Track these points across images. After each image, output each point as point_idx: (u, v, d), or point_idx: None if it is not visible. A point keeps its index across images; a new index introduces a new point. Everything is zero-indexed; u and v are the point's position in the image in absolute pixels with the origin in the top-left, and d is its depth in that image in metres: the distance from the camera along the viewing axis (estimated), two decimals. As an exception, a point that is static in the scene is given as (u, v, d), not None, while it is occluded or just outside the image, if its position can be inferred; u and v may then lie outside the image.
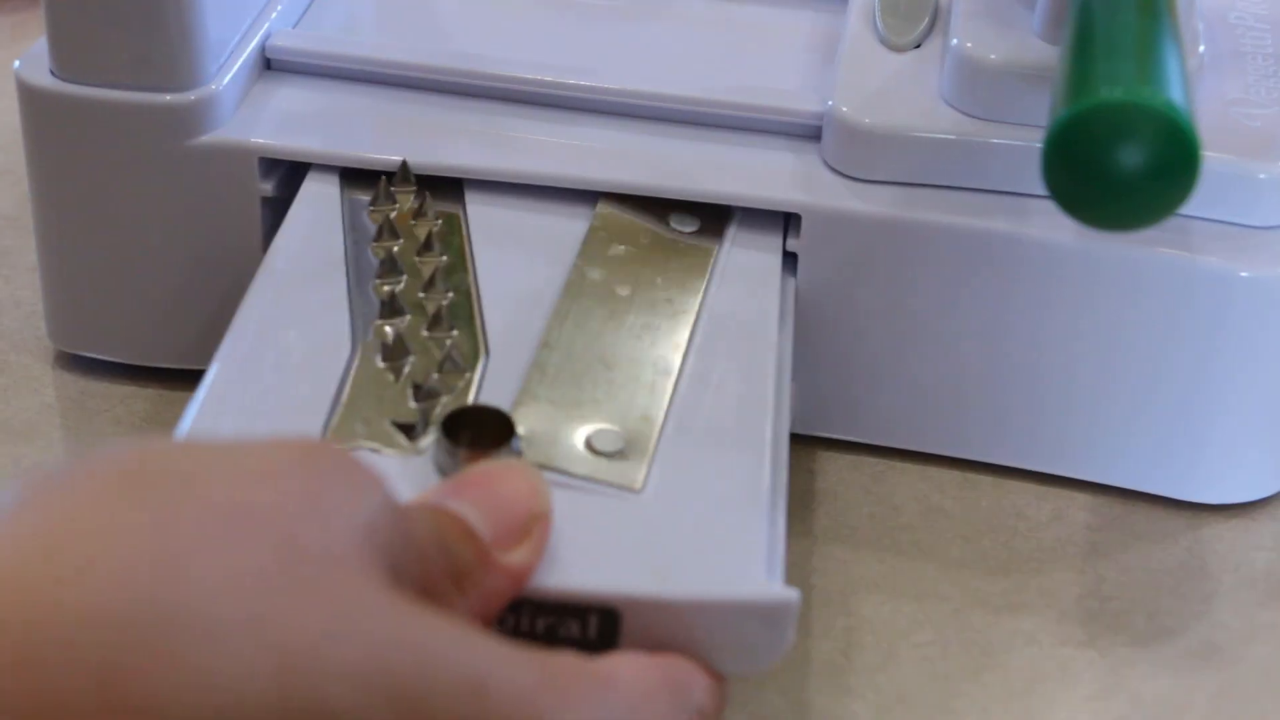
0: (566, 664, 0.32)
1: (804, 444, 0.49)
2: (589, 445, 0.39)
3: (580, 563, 0.36)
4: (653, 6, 0.53)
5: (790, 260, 0.46)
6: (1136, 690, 0.43)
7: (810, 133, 0.47)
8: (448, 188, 0.47)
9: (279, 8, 0.50)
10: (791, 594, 0.36)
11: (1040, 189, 0.38)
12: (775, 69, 0.51)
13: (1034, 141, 0.44)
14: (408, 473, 0.37)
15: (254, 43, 0.48)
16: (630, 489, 0.38)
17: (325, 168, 0.47)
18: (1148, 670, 0.43)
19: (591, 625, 0.36)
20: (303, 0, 0.52)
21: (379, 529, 0.31)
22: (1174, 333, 0.46)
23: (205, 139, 0.46)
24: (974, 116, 0.46)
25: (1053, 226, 0.45)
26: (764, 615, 0.36)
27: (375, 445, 0.38)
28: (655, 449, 0.39)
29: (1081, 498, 0.48)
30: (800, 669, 0.43)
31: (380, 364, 0.41)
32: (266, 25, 0.49)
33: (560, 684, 0.32)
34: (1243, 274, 0.45)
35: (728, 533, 0.37)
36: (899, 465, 0.49)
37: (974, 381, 0.47)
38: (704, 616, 0.36)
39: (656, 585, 0.36)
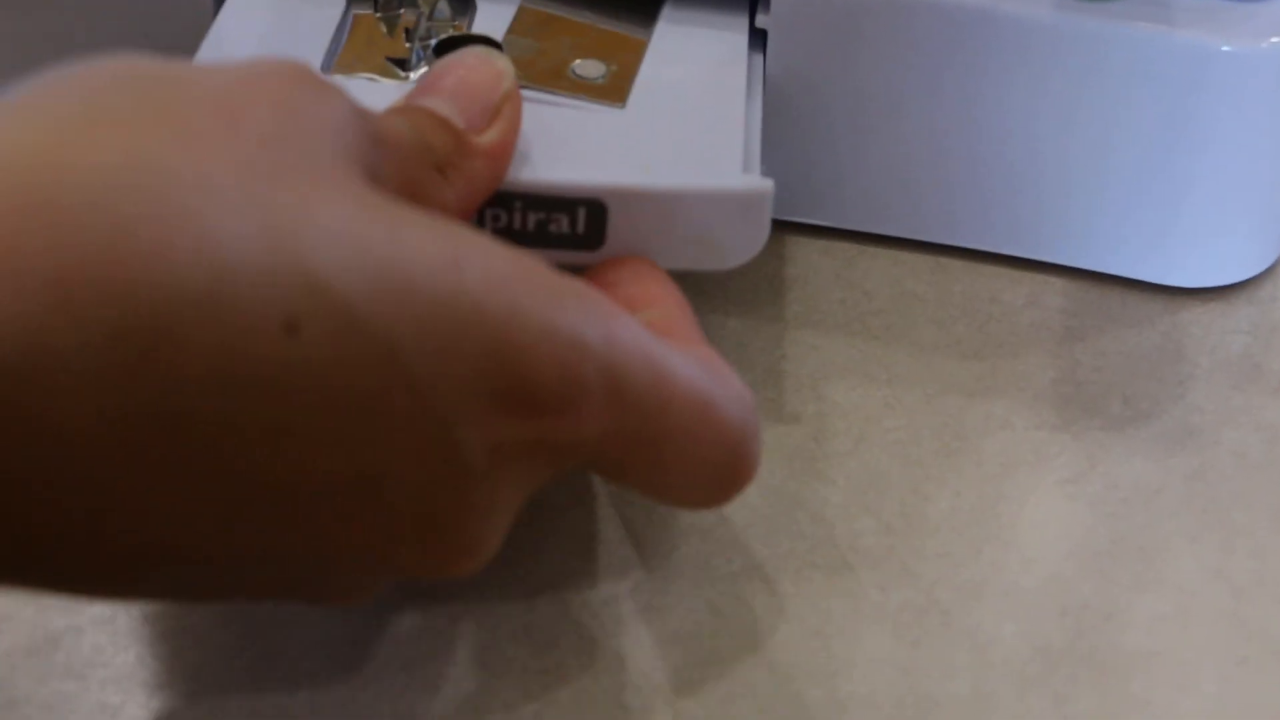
0: (538, 262, 0.32)
1: (774, 230, 0.47)
2: (574, 73, 0.42)
3: (569, 160, 0.39)
4: None
5: (758, 39, 0.45)
6: (1111, 473, 0.42)
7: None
8: None
9: None
10: (766, 183, 0.39)
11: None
12: None
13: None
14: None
15: None
16: (615, 105, 0.41)
17: None
18: (1122, 453, 0.43)
19: (580, 219, 0.38)
20: None
21: (346, 131, 0.32)
22: (1151, 111, 0.44)
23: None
24: None
25: (1030, 1, 0.43)
26: (741, 204, 0.39)
27: (372, 75, 0.41)
28: (637, 73, 0.42)
29: (1057, 282, 0.47)
30: (771, 455, 0.42)
31: (375, 14, 0.42)
32: None
33: (534, 276, 0.32)
34: (1223, 48, 0.43)
35: (708, 135, 0.40)
36: (870, 250, 0.48)
37: (947, 164, 0.46)
38: (685, 206, 0.38)
39: (641, 177, 0.38)
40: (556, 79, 0.42)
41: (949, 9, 0.44)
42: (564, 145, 0.39)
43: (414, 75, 0.41)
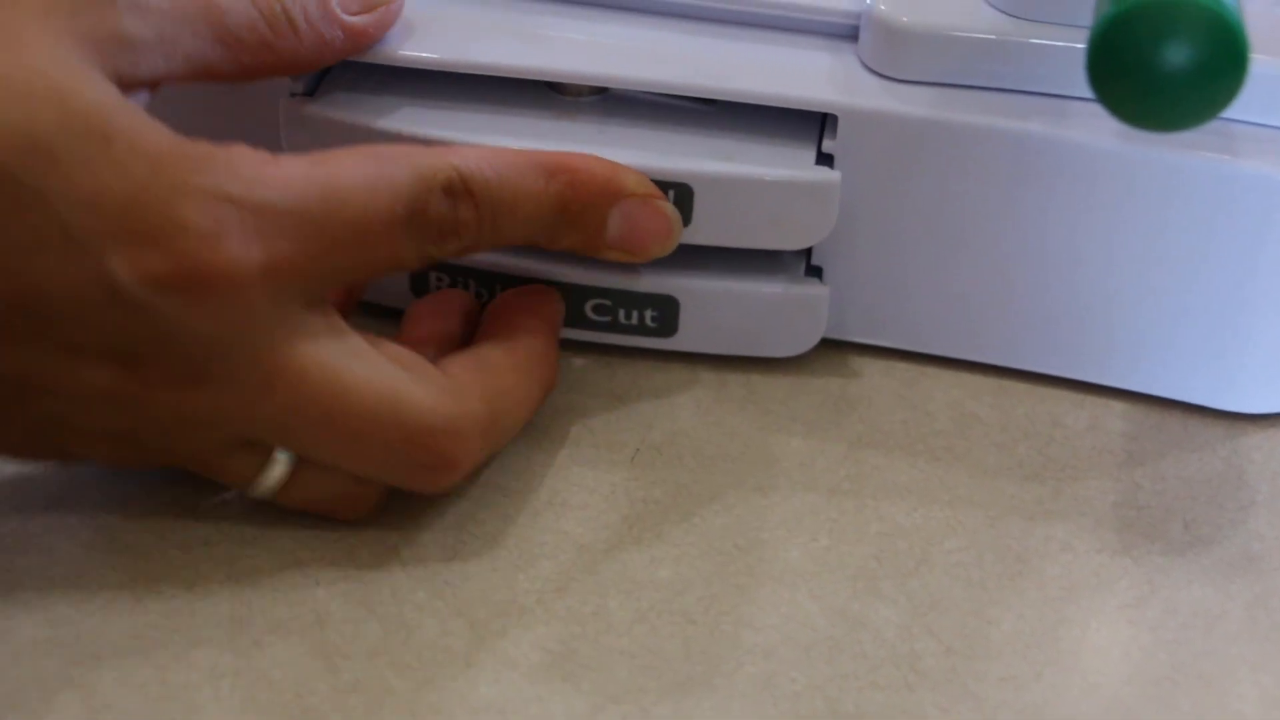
0: (195, 146, 0.39)
1: (837, 349, 0.49)
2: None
3: (661, 150, 0.45)
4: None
5: (825, 163, 0.46)
6: (1172, 599, 0.42)
7: (848, 32, 0.47)
8: None
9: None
10: (834, 175, 0.45)
11: (1081, 90, 0.38)
12: (812, -32, 0.50)
13: (1075, 42, 0.44)
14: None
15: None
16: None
17: None
18: (1183, 579, 0.43)
19: (670, 199, 0.45)
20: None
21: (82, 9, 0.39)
22: (1214, 239, 0.45)
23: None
24: (1014, 16, 0.45)
25: (1093, 129, 0.44)
26: (812, 192, 0.44)
27: None
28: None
29: (1119, 406, 0.48)
30: (833, 574, 0.42)
31: None
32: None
33: (182, 150, 0.38)
34: (1287, 178, 0.44)
35: (784, 134, 0.46)
36: (932, 371, 0.48)
37: (1011, 287, 0.47)
38: (762, 191, 0.44)
39: (725, 165, 0.44)
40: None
41: (1014, 135, 0.45)
42: (655, 138, 0.46)
43: None
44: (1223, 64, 0.36)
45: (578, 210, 0.43)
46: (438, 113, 0.46)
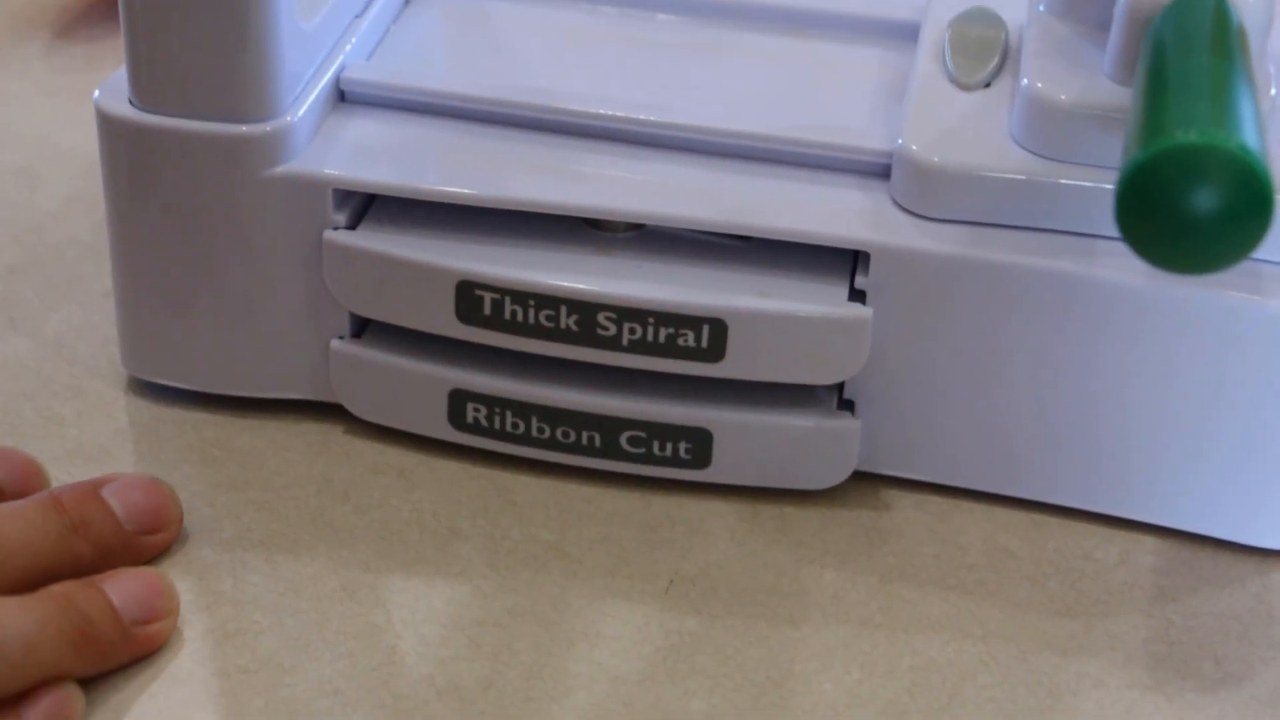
0: None
1: (869, 482, 0.49)
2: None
3: (697, 285, 0.46)
4: (723, 42, 0.54)
5: (857, 299, 0.46)
6: (1203, 735, 0.43)
7: (880, 171, 0.47)
8: None
9: (353, 40, 0.50)
10: (866, 311, 0.45)
11: (1109, 230, 0.38)
12: (845, 106, 0.51)
13: (1103, 183, 0.45)
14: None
15: (329, 75, 0.49)
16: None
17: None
18: (1215, 715, 0.43)
19: (704, 335, 0.45)
20: (376, 32, 0.52)
21: None
22: (1243, 376, 0.45)
23: (280, 170, 0.47)
24: (1043, 156, 0.46)
25: (1121, 268, 0.45)
26: (844, 328, 0.45)
27: None
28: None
29: (1149, 541, 0.48)
30: (865, 708, 0.43)
31: None
32: (341, 57, 0.50)
33: None
34: (1314, 318, 0.44)
35: (818, 270, 0.47)
36: (965, 505, 0.49)
37: (1042, 422, 0.47)
38: (795, 327, 0.45)
39: (759, 301, 0.45)
40: None
41: (1043, 274, 0.45)
42: (691, 272, 0.46)
43: None
44: (1250, 210, 0.37)
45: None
46: (476, 247, 0.47)
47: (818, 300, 0.46)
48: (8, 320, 0.53)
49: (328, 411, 0.50)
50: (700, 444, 0.48)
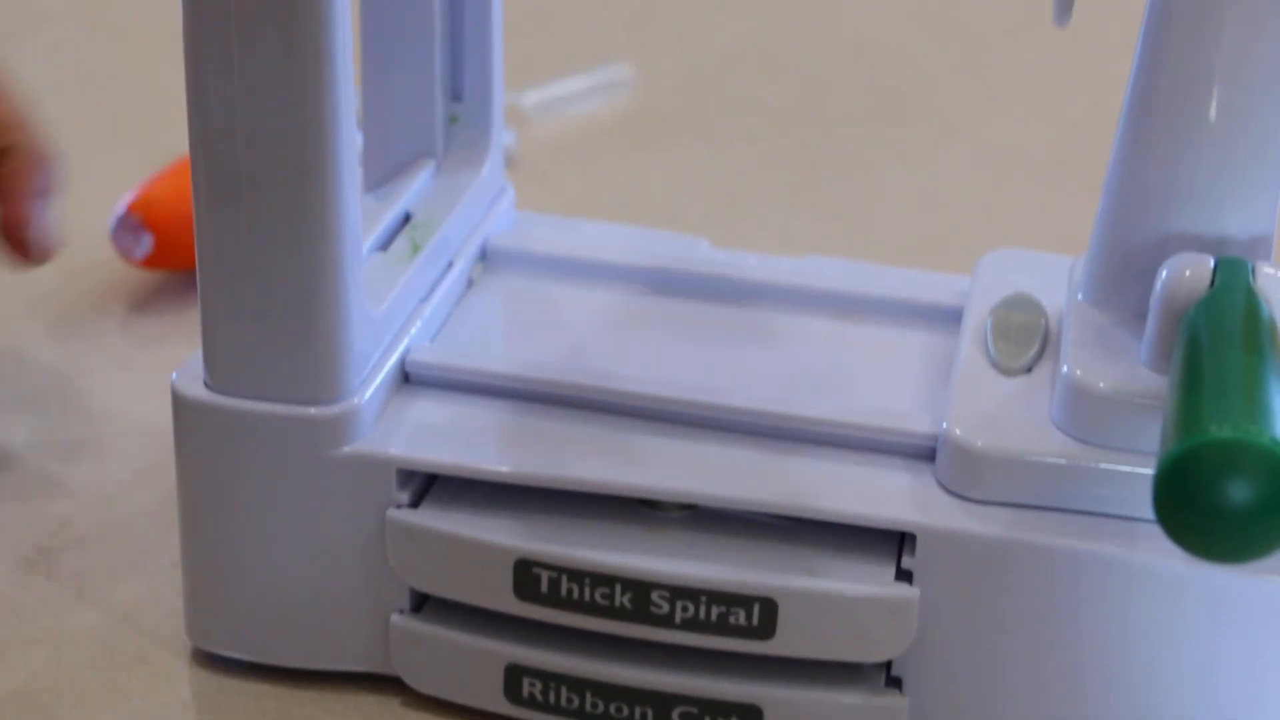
0: None
1: (917, 757, 0.50)
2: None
3: (747, 564, 0.47)
4: (773, 325, 0.56)
5: (904, 578, 0.47)
6: None
7: (925, 453, 0.49)
8: None
9: (418, 323, 0.53)
10: (913, 591, 0.46)
11: (1149, 514, 0.39)
12: (891, 388, 0.52)
13: (1143, 468, 0.46)
14: None
15: (395, 357, 0.51)
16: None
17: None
18: None
19: (755, 613, 0.46)
20: (440, 315, 0.54)
21: None
22: (1283, 657, 0.46)
23: (346, 450, 0.49)
24: (1084, 441, 0.47)
25: (1163, 551, 0.45)
26: (891, 607, 0.46)
27: None
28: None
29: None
30: None
31: None
32: (407, 340, 0.52)
33: None
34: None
35: (865, 550, 0.48)
36: (1012, 782, 0.49)
37: (1088, 703, 0.48)
38: (843, 606, 0.46)
39: (808, 580, 0.46)
40: None
41: (1085, 556, 0.46)
42: (740, 551, 0.48)
43: None
44: (1284, 503, 0.38)
45: None
46: (534, 525, 0.48)
47: (865, 580, 0.47)
48: (76, 592, 0.55)
49: (385, 684, 0.51)
50: None
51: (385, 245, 0.54)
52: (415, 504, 0.49)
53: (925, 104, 0.87)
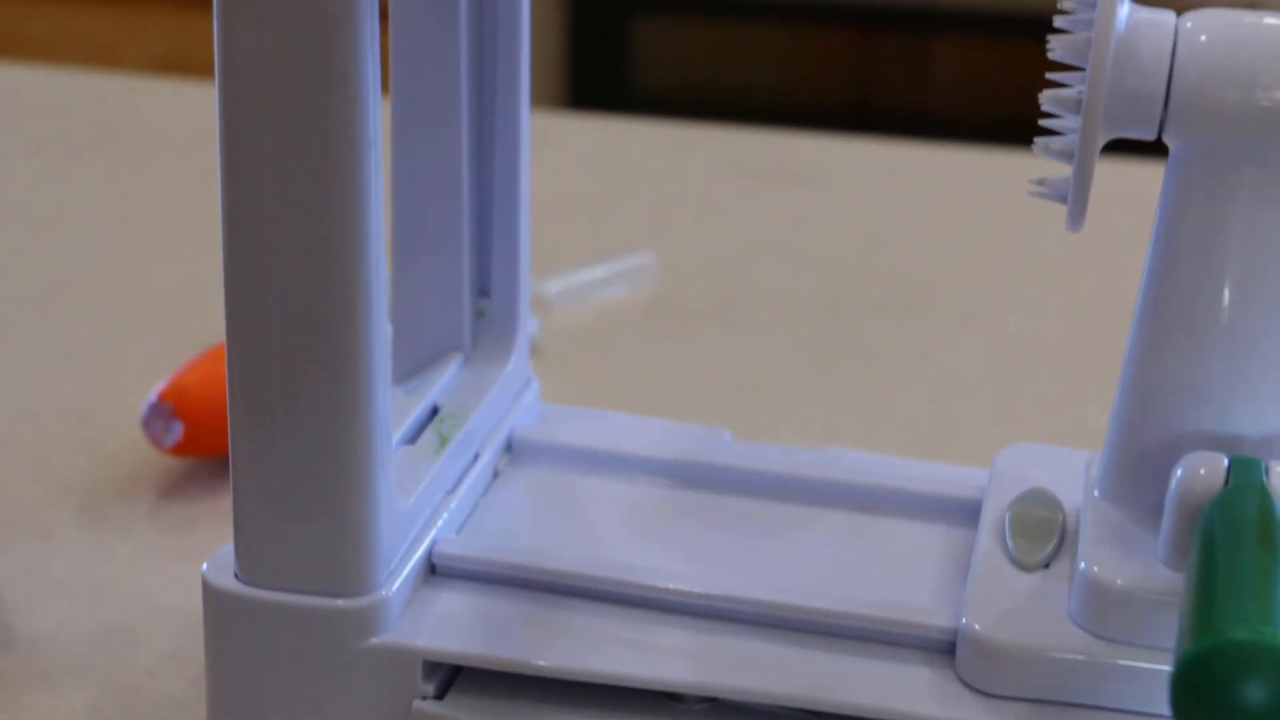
0: None
1: None
2: None
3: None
4: (793, 518, 0.56)
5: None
6: None
7: (944, 647, 0.50)
8: None
9: (445, 515, 0.53)
10: None
11: (1167, 710, 0.40)
12: (910, 582, 0.53)
13: (1161, 664, 0.47)
14: None
15: (422, 549, 0.52)
16: None
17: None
18: None
19: None
20: (466, 506, 0.55)
21: None
22: None
23: (374, 641, 0.49)
24: (1102, 638, 0.48)
25: None
26: None
27: None
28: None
29: None
30: None
31: None
32: (433, 532, 0.53)
33: None
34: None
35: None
36: None
37: None
38: None
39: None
40: None
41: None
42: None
43: None
44: (1300, 705, 0.39)
45: None
46: (558, 716, 0.49)
47: None
48: (103, 778, 0.55)
49: None
50: None
51: (413, 438, 0.55)
52: (441, 695, 0.50)
53: (942, 294, 0.88)
